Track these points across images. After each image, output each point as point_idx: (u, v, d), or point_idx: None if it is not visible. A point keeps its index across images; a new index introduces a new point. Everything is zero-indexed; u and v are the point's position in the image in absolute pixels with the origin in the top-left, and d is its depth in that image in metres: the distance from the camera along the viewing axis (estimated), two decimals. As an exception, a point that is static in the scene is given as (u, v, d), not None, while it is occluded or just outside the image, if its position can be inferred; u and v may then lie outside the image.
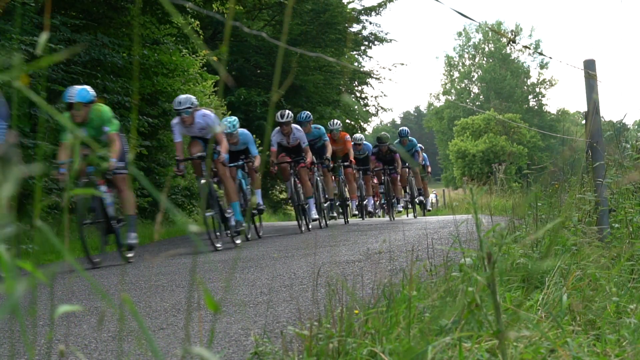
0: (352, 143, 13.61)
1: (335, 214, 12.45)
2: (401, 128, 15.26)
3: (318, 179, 11.09)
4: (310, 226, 10.82)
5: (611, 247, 3.88)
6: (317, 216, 10.85)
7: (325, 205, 11.63)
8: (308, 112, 11.70)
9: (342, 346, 1.90)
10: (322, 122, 26.70)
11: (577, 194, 4.57)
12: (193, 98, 8.57)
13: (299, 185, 10.60)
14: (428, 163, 17.32)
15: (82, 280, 5.62)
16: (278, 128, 10.60)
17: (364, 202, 14.19)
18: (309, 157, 10.44)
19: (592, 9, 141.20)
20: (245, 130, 10.16)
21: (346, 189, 12.98)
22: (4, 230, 0.84)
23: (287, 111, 10.54)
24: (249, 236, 9.74)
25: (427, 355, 1.71)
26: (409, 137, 15.01)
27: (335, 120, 13.02)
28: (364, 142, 14.48)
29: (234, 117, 10.10)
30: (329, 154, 11.30)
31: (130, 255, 7.29)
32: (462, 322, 1.80)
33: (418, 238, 6.62)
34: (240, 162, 9.81)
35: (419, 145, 16.48)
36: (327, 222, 11.61)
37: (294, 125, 10.57)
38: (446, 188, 50.34)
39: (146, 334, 0.94)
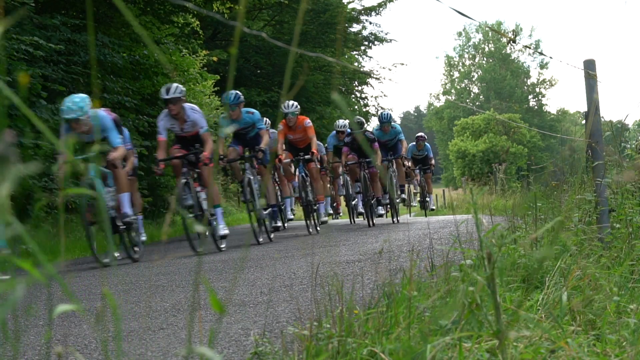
0: (335, 131, 11.77)
1: (279, 224, 10.17)
2: (382, 112, 12.61)
3: (251, 177, 8.57)
4: (269, 236, 9.08)
5: (611, 247, 3.88)
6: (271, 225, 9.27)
7: (266, 213, 9.02)
8: (237, 92, 8.89)
9: (342, 346, 1.90)
10: (322, 122, 26.75)
11: (577, 194, 4.57)
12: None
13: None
14: (431, 155, 16.25)
15: (82, 280, 5.62)
16: (165, 110, 7.97)
17: (353, 202, 12.27)
18: (208, 147, 7.76)
19: (592, 9, 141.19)
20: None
21: (310, 190, 10.15)
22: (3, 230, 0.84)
23: (173, 85, 7.93)
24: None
25: (426, 355, 1.70)
26: (392, 123, 12.27)
27: (292, 102, 10.21)
28: (348, 129, 11.80)
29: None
30: (263, 145, 8.71)
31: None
32: (462, 322, 1.80)
33: (418, 238, 6.62)
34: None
35: (425, 142, 15.67)
36: (270, 236, 9.01)
37: (188, 105, 7.98)
38: (446, 188, 50.33)
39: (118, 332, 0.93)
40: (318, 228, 10.20)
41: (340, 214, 15.49)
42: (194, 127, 7.92)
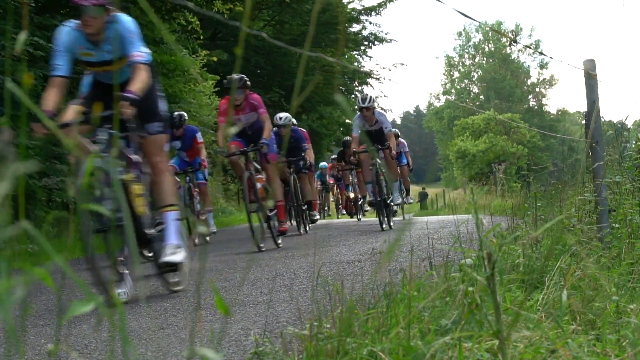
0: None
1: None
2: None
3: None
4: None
5: (611, 247, 3.88)
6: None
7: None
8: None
9: (342, 346, 1.90)
10: (322, 122, 26.78)
11: (577, 194, 4.57)
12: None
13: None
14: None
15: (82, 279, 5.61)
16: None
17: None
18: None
19: (592, 9, 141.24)
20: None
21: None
22: (3, 229, 0.84)
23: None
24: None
25: (426, 355, 1.71)
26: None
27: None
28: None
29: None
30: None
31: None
32: (462, 322, 1.80)
33: (418, 238, 6.62)
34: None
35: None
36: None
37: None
38: (446, 188, 50.34)
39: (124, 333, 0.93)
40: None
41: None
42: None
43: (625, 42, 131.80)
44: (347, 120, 27.61)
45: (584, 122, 4.68)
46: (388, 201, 9.32)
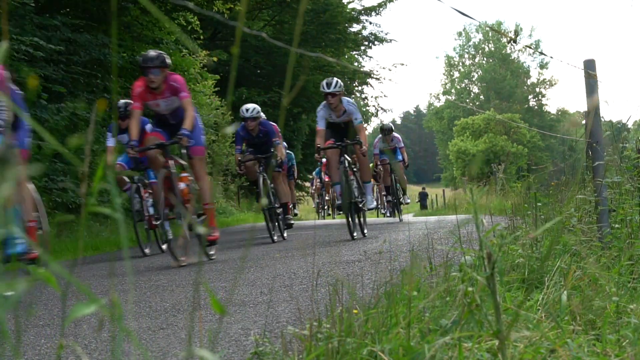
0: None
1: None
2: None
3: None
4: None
5: (611, 247, 3.88)
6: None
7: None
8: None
9: (342, 346, 1.90)
10: (322, 122, 26.71)
11: (577, 194, 4.57)
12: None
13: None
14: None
15: (83, 280, 5.63)
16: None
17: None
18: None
19: (592, 9, 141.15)
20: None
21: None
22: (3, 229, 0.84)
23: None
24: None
25: (425, 355, 1.71)
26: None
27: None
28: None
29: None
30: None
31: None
32: (462, 322, 1.80)
33: (418, 238, 6.62)
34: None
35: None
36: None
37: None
38: (446, 188, 50.35)
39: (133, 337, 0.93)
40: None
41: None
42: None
43: (625, 42, 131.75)
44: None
45: (584, 122, 4.68)
46: (360, 205, 8.08)
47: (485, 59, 76.83)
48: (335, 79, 8.00)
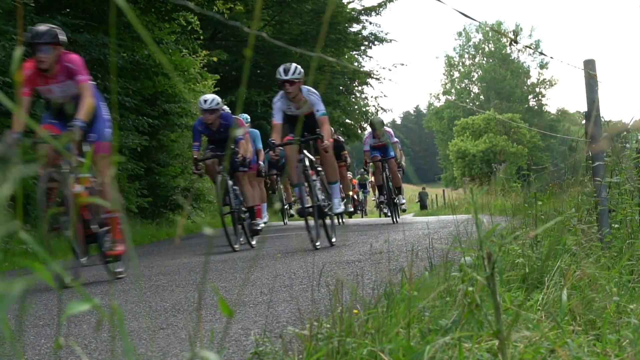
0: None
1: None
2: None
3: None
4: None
5: (611, 247, 3.88)
6: None
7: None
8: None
9: (342, 346, 1.90)
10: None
11: (577, 194, 4.57)
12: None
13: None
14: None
15: (82, 282, 5.62)
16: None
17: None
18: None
19: (592, 9, 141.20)
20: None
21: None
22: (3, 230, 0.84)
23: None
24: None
25: (425, 355, 1.71)
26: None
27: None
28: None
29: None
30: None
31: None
32: (462, 322, 1.80)
33: (418, 238, 6.62)
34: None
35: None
36: (252, 242, 8.31)
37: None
38: (446, 188, 50.34)
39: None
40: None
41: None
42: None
43: (625, 42, 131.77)
44: (347, 120, 27.60)
45: (584, 122, 4.68)
46: (326, 210, 7.02)
47: (485, 59, 76.83)
48: (294, 64, 6.95)
